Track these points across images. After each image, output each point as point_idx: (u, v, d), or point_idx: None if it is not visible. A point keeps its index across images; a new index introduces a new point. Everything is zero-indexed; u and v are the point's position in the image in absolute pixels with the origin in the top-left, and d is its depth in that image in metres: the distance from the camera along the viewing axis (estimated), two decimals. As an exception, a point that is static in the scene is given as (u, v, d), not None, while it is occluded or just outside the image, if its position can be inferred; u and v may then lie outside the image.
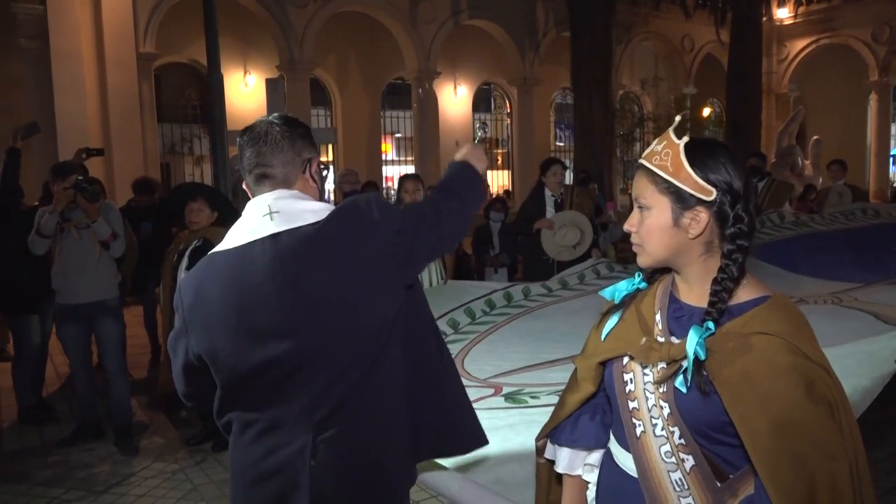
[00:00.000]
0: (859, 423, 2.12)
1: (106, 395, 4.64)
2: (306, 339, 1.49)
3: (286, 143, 1.59)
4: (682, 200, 1.25)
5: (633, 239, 1.33)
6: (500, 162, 20.45)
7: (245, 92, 15.12)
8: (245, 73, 15.22)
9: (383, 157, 17.91)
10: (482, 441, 1.76)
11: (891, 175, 20.91)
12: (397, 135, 18.82)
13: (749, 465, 1.22)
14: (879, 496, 3.29)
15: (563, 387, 2.79)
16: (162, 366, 4.73)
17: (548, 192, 5.63)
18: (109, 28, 11.06)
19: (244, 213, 1.59)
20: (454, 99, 18.30)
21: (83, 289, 4.37)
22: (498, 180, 20.11)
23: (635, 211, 1.32)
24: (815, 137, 15.46)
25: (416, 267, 1.62)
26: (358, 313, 1.51)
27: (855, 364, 2.33)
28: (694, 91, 18.93)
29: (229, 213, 4.76)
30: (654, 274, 1.41)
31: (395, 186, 6.36)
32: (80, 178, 4.32)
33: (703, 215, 1.25)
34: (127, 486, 3.95)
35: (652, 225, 1.28)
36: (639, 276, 1.42)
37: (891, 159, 21.03)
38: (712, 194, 1.23)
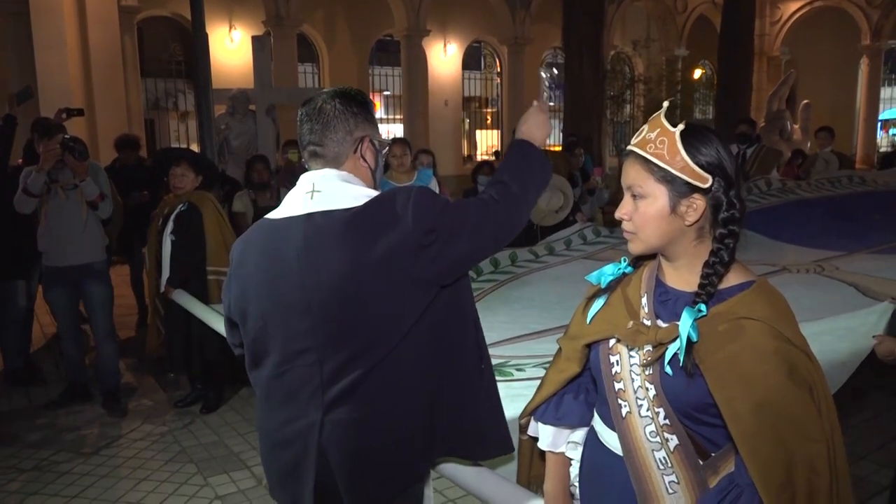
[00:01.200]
0: (839, 395, 2.17)
1: (93, 358, 4.65)
2: (321, 321, 1.53)
3: (339, 121, 1.61)
4: (679, 188, 1.26)
5: (626, 227, 1.33)
6: (489, 121, 20.29)
7: (231, 48, 14.81)
8: (230, 28, 14.89)
9: (372, 116, 17.71)
10: (507, 449, 1.73)
11: (878, 140, 20.95)
12: (386, 92, 18.57)
13: (730, 444, 1.26)
14: (852, 462, 3.39)
15: (547, 359, 2.82)
16: (150, 329, 4.74)
17: None
18: (90, -19, 10.76)
19: (297, 184, 1.64)
20: (444, 57, 18.03)
21: (71, 251, 4.34)
22: (487, 140, 19.98)
23: (627, 199, 1.32)
24: (805, 101, 15.40)
25: (454, 269, 1.57)
26: (371, 305, 1.51)
27: (834, 340, 2.37)
28: (686, 53, 18.77)
29: (214, 177, 4.73)
30: (640, 258, 1.42)
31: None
32: (66, 136, 4.25)
33: (700, 202, 1.26)
34: (115, 448, 3.99)
35: (648, 213, 1.29)
36: (624, 260, 1.43)
37: (879, 124, 21.05)
38: (708, 181, 1.25)
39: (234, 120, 8.53)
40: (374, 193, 1.58)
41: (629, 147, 1.32)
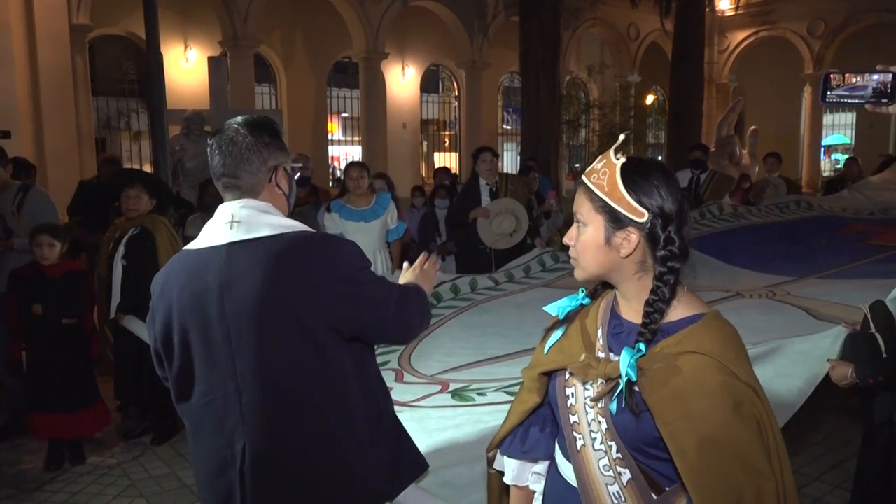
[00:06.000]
0: (794, 417, 2.19)
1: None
2: (240, 351, 1.55)
3: (252, 153, 1.62)
4: (615, 220, 1.27)
5: (570, 252, 1.35)
6: (447, 144, 20.43)
7: (186, 68, 14.62)
8: (186, 48, 14.71)
9: (329, 137, 17.66)
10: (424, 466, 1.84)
11: (822, 164, 21.75)
12: (344, 114, 18.57)
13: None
14: (806, 483, 3.44)
15: (509, 383, 2.82)
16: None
17: (482, 181, 5.59)
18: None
19: (215, 214, 1.64)
20: (402, 80, 18.13)
21: None
22: (445, 162, 20.10)
23: (574, 225, 1.35)
24: (753, 128, 15.91)
25: (358, 328, 1.61)
26: (285, 338, 1.54)
27: (789, 364, 2.41)
28: (638, 79, 19.21)
29: (168, 200, 4.63)
30: (598, 290, 1.43)
31: (342, 167, 6.24)
32: None
33: (634, 236, 1.27)
34: (61, 482, 3.83)
35: (587, 241, 1.31)
36: (582, 291, 1.44)
37: (822, 150, 21.86)
38: (644, 216, 1.25)
39: (189, 141, 8.39)
40: (291, 222, 1.62)
41: (581, 176, 1.35)
